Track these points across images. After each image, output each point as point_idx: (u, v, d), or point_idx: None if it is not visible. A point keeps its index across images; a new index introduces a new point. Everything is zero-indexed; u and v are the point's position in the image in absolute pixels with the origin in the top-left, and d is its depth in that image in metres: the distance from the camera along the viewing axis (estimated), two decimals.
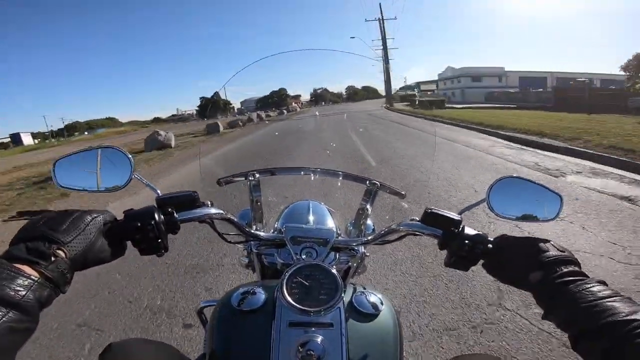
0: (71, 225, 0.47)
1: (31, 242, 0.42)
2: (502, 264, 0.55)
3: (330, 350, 0.50)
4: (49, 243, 0.43)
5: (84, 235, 0.47)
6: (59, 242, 0.44)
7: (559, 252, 0.51)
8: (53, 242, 0.43)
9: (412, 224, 0.64)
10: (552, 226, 2.80)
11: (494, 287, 2.09)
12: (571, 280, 0.46)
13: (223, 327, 0.56)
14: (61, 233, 0.45)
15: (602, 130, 7.33)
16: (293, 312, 0.53)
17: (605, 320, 0.39)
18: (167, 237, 0.54)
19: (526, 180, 0.64)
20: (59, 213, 0.48)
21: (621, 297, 0.42)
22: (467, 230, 0.58)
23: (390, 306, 0.60)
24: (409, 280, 2.29)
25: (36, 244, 0.42)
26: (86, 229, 0.47)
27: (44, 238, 0.43)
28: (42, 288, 0.40)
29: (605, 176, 4.46)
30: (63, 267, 0.43)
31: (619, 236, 2.69)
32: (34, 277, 0.39)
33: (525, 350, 1.63)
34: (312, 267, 0.59)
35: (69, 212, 0.49)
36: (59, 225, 0.46)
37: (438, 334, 1.78)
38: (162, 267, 2.69)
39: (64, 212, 0.49)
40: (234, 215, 0.69)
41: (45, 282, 0.41)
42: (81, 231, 0.47)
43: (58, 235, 0.44)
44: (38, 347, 1.87)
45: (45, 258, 0.42)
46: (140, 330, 1.99)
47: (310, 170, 1.01)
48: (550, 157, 5.89)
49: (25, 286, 0.38)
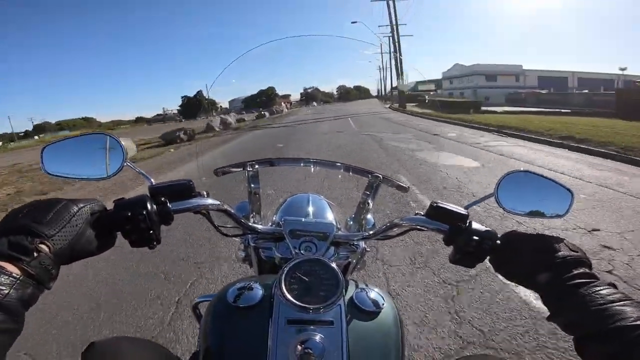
0: (56, 216, 0.44)
1: (13, 235, 0.40)
2: (510, 261, 0.53)
3: (330, 349, 0.47)
4: (31, 237, 0.40)
5: (69, 227, 0.44)
6: (42, 235, 0.41)
7: (571, 251, 0.48)
8: (36, 235, 0.41)
9: (417, 218, 0.61)
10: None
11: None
12: (581, 283, 0.44)
13: (218, 324, 0.54)
14: (45, 225, 0.42)
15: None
16: (292, 308, 0.51)
17: (614, 324, 0.38)
18: (159, 228, 0.52)
19: (536, 174, 0.62)
20: (43, 202, 0.45)
21: (631, 301, 0.41)
22: (474, 226, 0.56)
23: (392, 303, 0.58)
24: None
25: (18, 237, 0.40)
26: (72, 220, 0.45)
27: (26, 231, 0.40)
28: (24, 286, 0.38)
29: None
30: (47, 263, 0.40)
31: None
32: (16, 275, 0.37)
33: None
34: (312, 262, 0.57)
35: (53, 201, 0.46)
36: (43, 217, 0.43)
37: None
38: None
39: (48, 201, 0.46)
40: (231, 207, 0.66)
41: (28, 279, 0.38)
42: (66, 223, 0.44)
43: (42, 227, 0.41)
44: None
45: (28, 253, 0.39)
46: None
47: (311, 161, 0.99)
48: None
49: (6, 285, 0.36)
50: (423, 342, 1.65)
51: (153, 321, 1.95)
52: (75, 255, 0.45)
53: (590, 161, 5.65)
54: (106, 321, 2.00)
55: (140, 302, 2.17)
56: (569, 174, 4.75)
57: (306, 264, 0.56)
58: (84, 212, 0.47)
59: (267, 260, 0.79)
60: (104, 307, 2.15)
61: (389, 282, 2.19)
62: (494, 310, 1.88)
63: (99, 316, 2.06)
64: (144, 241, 0.50)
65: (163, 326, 1.89)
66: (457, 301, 1.97)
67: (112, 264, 2.66)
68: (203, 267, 2.57)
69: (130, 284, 2.42)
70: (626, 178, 4.48)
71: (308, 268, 0.56)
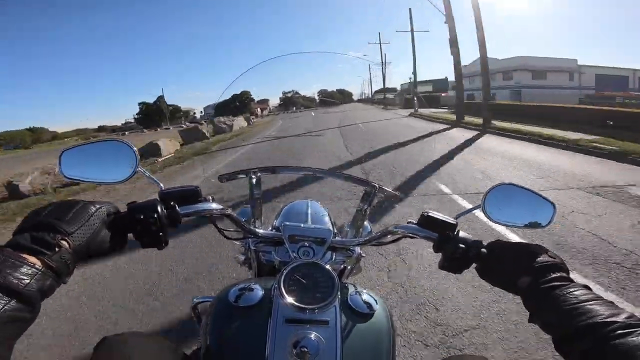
0: (75, 215, 0.47)
1: (36, 231, 0.43)
2: (494, 268, 0.57)
3: (325, 347, 0.51)
4: (53, 233, 0.44)
5: (87, 227, 0.48)
6: (63, 232, 0.45)
7: (549, 257, 0.52)
8: (57, 232, 0.44)
9: (409, 226, 0.65)
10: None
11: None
12: (557, 285, 0.48)
13: (219, 323, 0.57)
14: (65, 223, 0.46)
15: None
16: (290, 309, 0.54)
17: (586, 322, 0.41)
18: (167, 231, 0.55)
19: (521, 187, 0.66)
20: (63, 203, 0.49)
21: (602, 300, 0.44)
22: (462, 235, 0.60)
23: (385, 306, 0.61)
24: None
25: (41, 233, 0.43)
26: (90, 220, 0.48)
27: (48, 228, 0.44)
28: (45, 277, 0.40)
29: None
30: (66, 258, 0.43)
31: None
32: (38, 267, 0.40)
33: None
34: (310, 265, 0.61)
35: (72, 202, 0.50)
36: (64, 215, 0.46)
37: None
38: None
39: (68, 202, 0.50)
40: (234, 212, 0.70)
41: (48, 271, 0.41)
42: (85, 222, 0.48)
43: (63, 225, 0.45)
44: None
45: (50, 248, 0.42)
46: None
47: (312, 170, 1.03)
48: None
49: (28, 275, 0.39)
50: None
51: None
52: (91, 253, 0.49)
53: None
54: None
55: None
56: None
57: (304, 267, 0.60)
58: (101, 213, 0.50)
59: (266, 264, 0.83)
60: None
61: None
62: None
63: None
64: (153, 242, 0.54)
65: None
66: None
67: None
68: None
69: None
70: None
71: (306, 271, 0.59)
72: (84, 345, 1.85)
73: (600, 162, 5.79)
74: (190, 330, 1.76)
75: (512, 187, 0.66)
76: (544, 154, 6.72)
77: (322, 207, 1.04)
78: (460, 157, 6.79)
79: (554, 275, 0.49)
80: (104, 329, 1.97)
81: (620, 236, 2.82)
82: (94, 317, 2.15)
